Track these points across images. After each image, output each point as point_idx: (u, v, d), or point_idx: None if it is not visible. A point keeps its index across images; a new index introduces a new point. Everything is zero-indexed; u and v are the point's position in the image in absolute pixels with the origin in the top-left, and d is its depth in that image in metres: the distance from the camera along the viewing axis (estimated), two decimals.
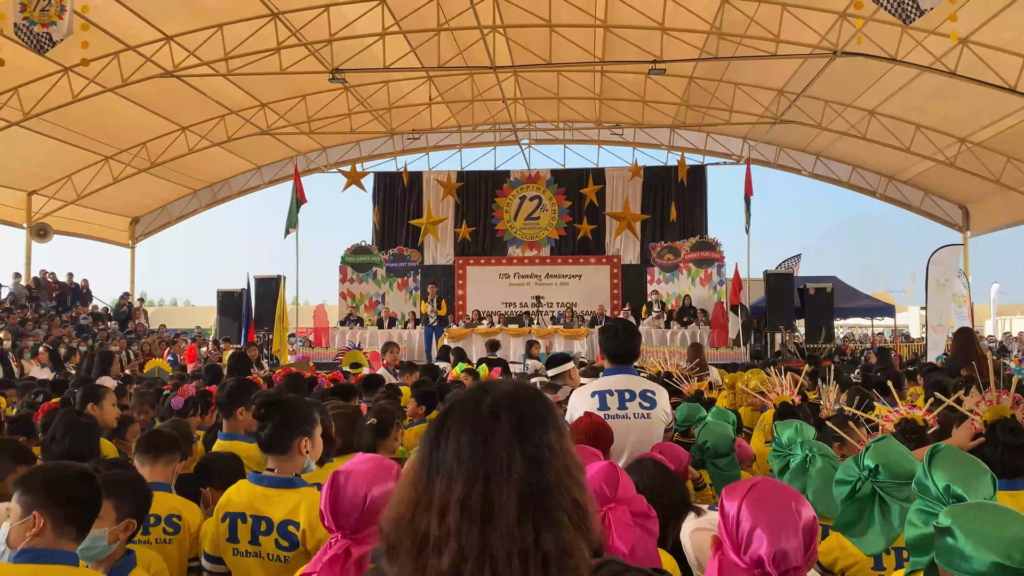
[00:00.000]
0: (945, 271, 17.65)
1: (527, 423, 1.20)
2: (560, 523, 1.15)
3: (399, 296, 20.98)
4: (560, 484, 1.18)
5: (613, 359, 3.75)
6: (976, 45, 13.35)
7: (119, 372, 8.35)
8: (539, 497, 1.15)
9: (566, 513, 1.16)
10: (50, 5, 9.97)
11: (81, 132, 17.95)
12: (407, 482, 1.23)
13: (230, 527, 2.64)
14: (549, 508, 1.15)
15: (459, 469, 1.16)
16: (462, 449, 1.17)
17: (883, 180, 22.59)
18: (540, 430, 1.20)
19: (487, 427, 1.18)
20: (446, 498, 1.15)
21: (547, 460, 1.18)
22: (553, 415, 1.25)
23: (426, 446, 1.22)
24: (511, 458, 1.15)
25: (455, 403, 1.25)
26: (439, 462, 1.18)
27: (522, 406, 1.22)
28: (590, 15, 14.74)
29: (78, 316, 19.74)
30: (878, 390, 5.55)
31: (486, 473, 1.15)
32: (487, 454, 1.16)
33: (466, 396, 1.25)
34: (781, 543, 1.57)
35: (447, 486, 1.16)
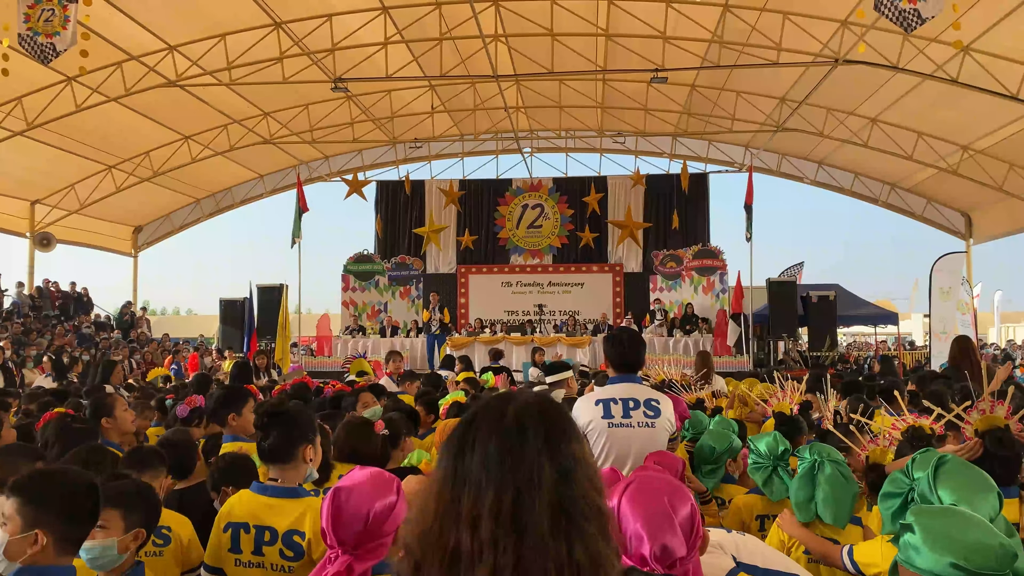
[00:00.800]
0: (948, 279, 17.61)
1: (554, 434, 1.19)
2: (589, 533, 1.14)
3: (401, 305, 20.97)
4: (586, 494, 1.17)
5: (618, 368, 3.74)
6: (978, 53, 13.36)
7: (121, 381, 8.33)
8: (569, 508, 1.14)
9: (591, 521, 1.15)
10: (54, 16, 10.01)
11: (84, 142, 18.01)
12: (430, 495, 1.20)
13: (232, 537, 2.62)
14: (578, 518, 1.14)
15: (488, 480, 1.14)
16: (490, 459, 1.15)
17: (885, 188, 22.58)
18: (565, 441, 1.20)
19: (515, 437, 1.17)
20: (476, 510, 1.13)
21: (573, 470, 1.17)
22: (574, 425, 1.24)
23: (449, 458, 1.20)
24: (541, 469, 1.14)
25: (477, 413, 1.23)
26: (465, 473, 1.16)
27: (547, 416, 1.21)
28: (592, 24, 14.77)
29: (80, 325, 19.76)
30: (883, 398, 5.53)
31: (516, 484, 1.13)
32: (516, 465, 1.15)
33: (488, 406, 1.24)
34: (660, 539, 1.55)
35: (475, 497, 1.14)
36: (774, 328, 17.28)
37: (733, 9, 13.70)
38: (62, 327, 18.62)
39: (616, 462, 3.40)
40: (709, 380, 7.56)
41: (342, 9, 14.33)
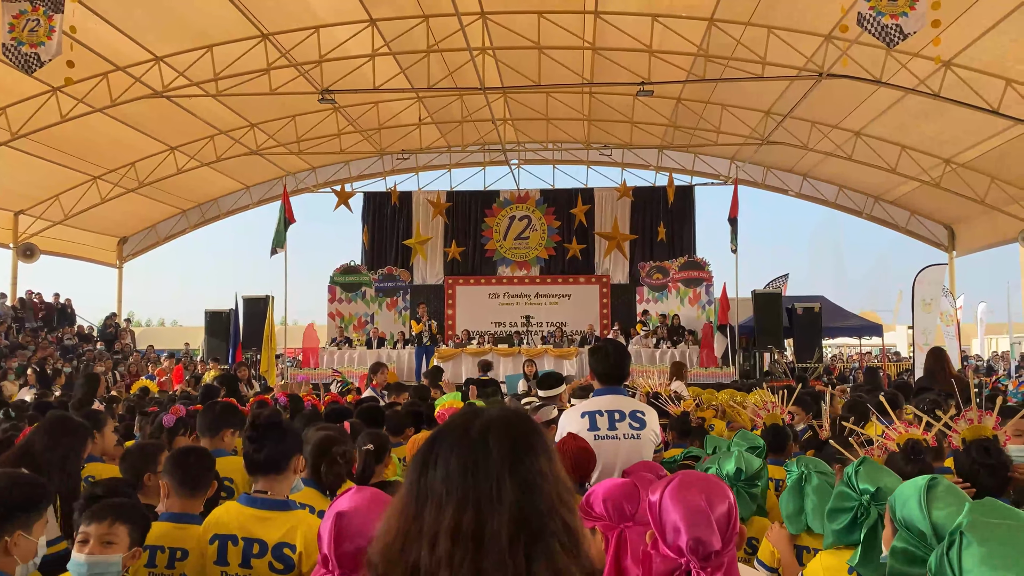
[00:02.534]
0: (931, 290, 17.75)
1: (518, 448, 1.18)
2: (553, 549, 1.13)
3: (388, 316, 20.93)
4: (552, 509, 1.16)
5: (603, 379, 3.75)
6: (959, 68, 13.54)
7: (104, 394, 8.27)
8: (531, 523, 1.13)
9: (558, 539, 1.14)
10: (39, 26, 9.97)
11: (69, 152, 17.90)
12: (394, 511, 1.20)
13: (219, 550, 2.61)
14: (541, 534, 1.13)
15: (449, 496, 1.14)
16: (452, 475, 1.15)
17: (869, 200, 22.77)
18: (531, 455, 1.18)
19: (477, 452, 1.16)
20: (436, 526, 1.13)
21: (539, 485, 1.16)
22: (543, 440, 1.23)
23: (414, 473, 1.20)
24: (502, 483, 1.14)
25: (443, 429, 1.23)
26: (428, 489, 1.16)
27: (512, 431, 1.20)
28: (579, 38, 14.86)
29: (63, 336, 19.59)
30: (875, 408, 5.57)
31: (476, 499, 1.13)
32: (478, 480, 1.14)
33: (454, 421, 1.23)
34: (696, 533, 1.62)
35: (437, 513, 1.13)
36: (760, 340, 17.36)
37: (718, 23, 13.82)
38: (45, 339, 18.46)
39: (602, 474, 3.40)
40: (670, 384, 7.89)
41: (329, 21, 14.35)
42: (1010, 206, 18.34)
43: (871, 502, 2.27)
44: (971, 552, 1.36)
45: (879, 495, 2.26)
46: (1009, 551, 1.33)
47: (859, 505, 2.30)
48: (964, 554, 1.37)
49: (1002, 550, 1.34)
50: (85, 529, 2.36)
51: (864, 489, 2.30)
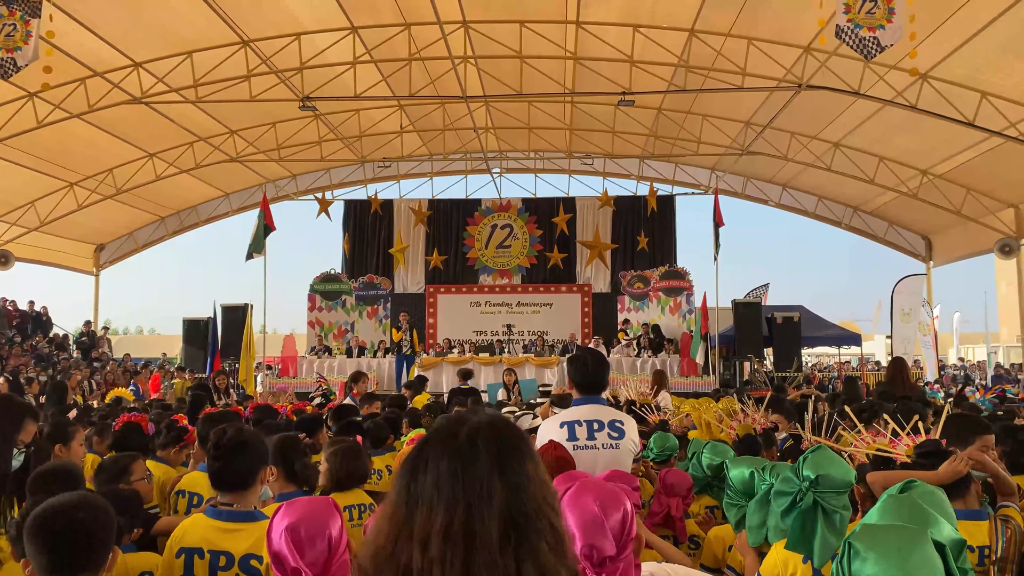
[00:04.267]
0: (909, 300, 17.96)
1: (505, 452, 1.21)
2: (540, 549, 1.16)
3: (369, 325, 20.82)
4: (539, 511, 1.19)
5: (582, 389, 3.73)
6: (935, 80, 13.71)
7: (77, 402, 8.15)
8: (520, 524, 1.16)
9: (544, 539, 1.17)
10: (15, 31, 9.87)
11: (46, 158, 17.69)
12: (384, 515, 1.22)
13: (185, 563, 2.56)
14: (529, 535, 1.16)
15: (439, 498, 1.16)
16: (442, 478, 1.17)
17: (848, 211, 22.98)
18: (518, 458, 1.21)
19: (466, 456, 1.19)
20: (427, 527, 1.15)
21: (526, 487, 1.19)
22: (528, 444, 1.26)
23: (403, 478, 1.22)
24: (491, 485, 1.16)
25: (432, 434, 1.26)
26: (418, 493, 1.18)
27: (499, 435, 1.23)
28: (560, 47, 14.91)
29: (38, 344, 19.33)
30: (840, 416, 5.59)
31: (467, 501, 1.15)
32: (468, 482, 1.16)
33: (441, 427, 1.26)
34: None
35: (428, 516, 1.16)
36: (740, 349, 17.44)
37: (699, 34, 13.92)
38: (19, 347, 18.20)
39: None
40: (657, 395, 7.94)
41: (311, 28, 14.30)
42: (986, 217, 18.58)
43: (810, 488, 2.37)
44: (859, 560, 1.56)
45: (819, 482, 2.36)
46: (892, 557, 1.52)
47: (799, 490, 2.38)
48: (853, 562, 1.56)
49: (885, 556, 1.53)
50: None
51: (806, 476, 2.38)
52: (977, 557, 2.80)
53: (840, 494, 2.35)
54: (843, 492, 2.36)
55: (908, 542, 1.58)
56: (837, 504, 2.33)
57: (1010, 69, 12.98)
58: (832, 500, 2.33)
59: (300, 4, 13.47)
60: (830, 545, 2.31)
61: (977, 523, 2.86)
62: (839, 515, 2.32)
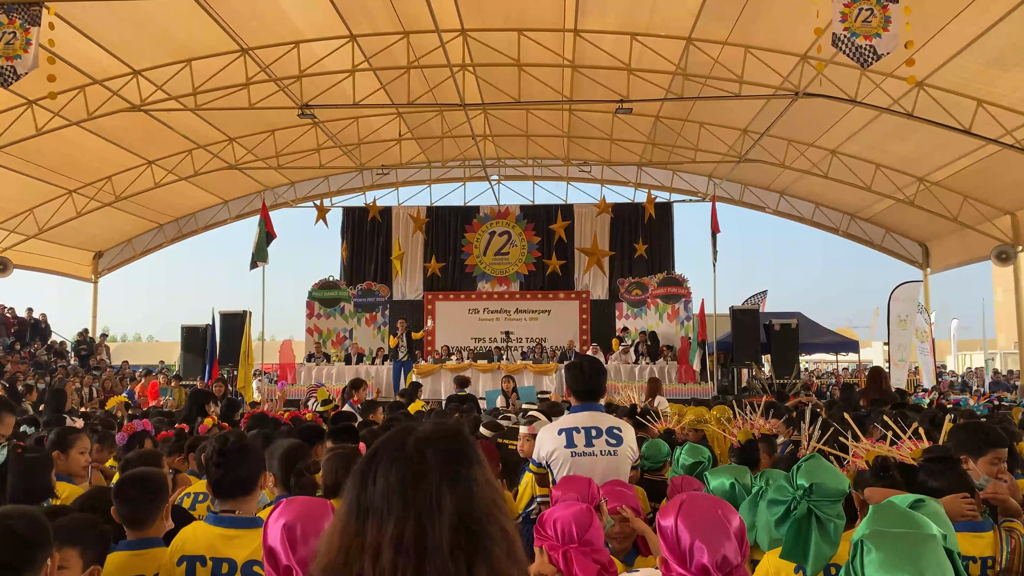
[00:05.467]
0: (906, 307, 17.97)
1: (453, 459, 1.23)
2: (492, 553, 1.18)
3: (367, 332, 20.84)
4: (489, 515, 1.21)
5: (579, 396, 3.76)
6: (932, 88, 13.76)
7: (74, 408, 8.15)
8: (470, 529, 1.18)
9: (496, 542, 1.19)
10: (15, 39, 9.90)
11: (45, 166, 17.71)
12: (335, 528, 1.23)
13: (187, 571, 2.57)
14: (480, 539, 1.18)
15: (390, 509, 1.17)
16: (391, 490, 1.19)
17: (845, 218, 23.04)
18: (466, 465, 1.23)
19: (415, 466, 1.20)
20: (379, 538, 1.16)
21: (475, 493, 1.21)
22: (475, 450, 1.28)
23: (353, 491, 1.23)
24: (441, 493, 1.18)
25: (380, 445, 1.27)
26: (368, 504, 1.19)
27: (446, 443, 1.25)
28: (558, 55, 14.96)
29: (36, 352, 19.31)
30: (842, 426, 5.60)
31: (417, 510, 1.17)
32: (417, 491, 1.18)
33: (389, 438, 1.28)
34: (720, 550, 1.68)
35: (378, 526, 1.17)
36: (737, 356, 17.45)
37: (696, 42, 13.98)
38: (17, 354, 18.18)
39: None
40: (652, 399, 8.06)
41: (309, 36, 14.35)
42: (982, 224, 18.63)
43: (804, 496, 2.37)
44: (871, 558, 1.55)
45: (813, 491, 2.36)
46: (902, 555, 1.53)
47: (793, 499, 2.38)
48: (865, 560, 1.55)
49: (896, 555, 1.53)
50: None
51: (800, 484, 2.38)
52: (980, 568, 2.80)
53: (834, 503, 2.36)
54: (837, 501, 2.37)
55: (921, 544, 1.58)
56: (831, 513, 2.34)
57: (1006, 77, 13.04)
58: (826, 509, 2.34)
59: (299, 12, 13.52)
60: (824, 554, 2.32)
61: (980, 534, 2.87)
62: (833, 524, 2.33)
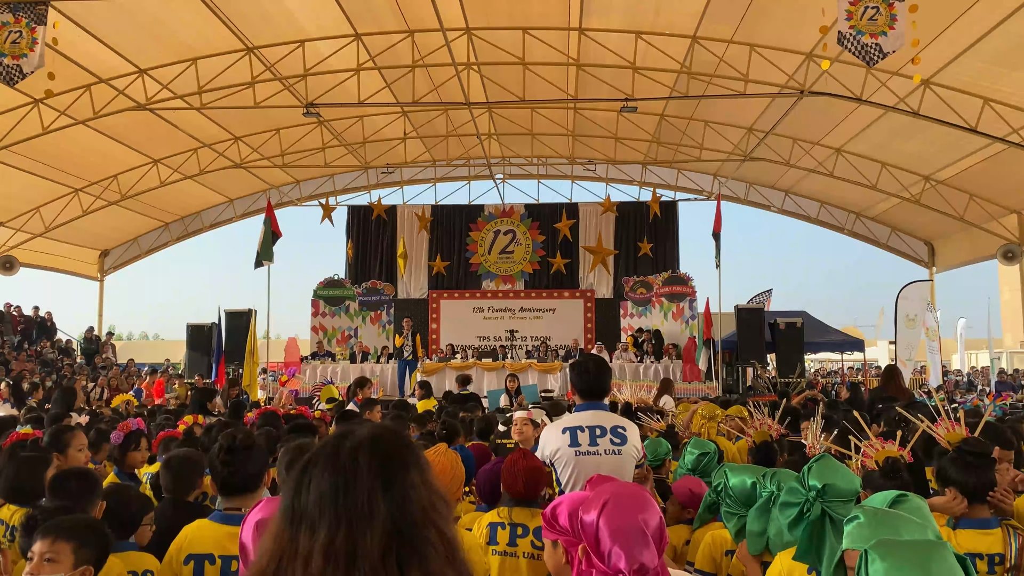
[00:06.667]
0: (915, 306, 17.92)
1: (388, 464, 1.22)
2: (427, 556, 1.18)
3: (372, 330, 20.86)
4: (426, 519, 1.21)
5: (584, 395, 3.75)
6: (938, 86, 13.72)
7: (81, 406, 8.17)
8: (404, 534, 1.18)
9: (432, 546, 1.19)
10: (21, 38, 9.93)
11: (51, 164, 17.76)
12: (270, 534, 1.22)
13: (195, 570, 2.58)
14: (415, 543, 1.18)
15: (322, 517, 1.17)
16: (324, 496, 1.18)
17: (851, 216, 22.98)
18: (402, 469, 1.23)
19: (348, 472, 1.20)
20: (310, 546, 1.16)
21: (410, 497, 1.21)
22: (413, 453, 1.27)
23: (287, 498, 1.22)
24: (373, 500, 1.18)
25: (315, 452, 1.26)
26: (301, 512, 1.19)
27: (381, 448, 1.24)
28: (563, 54, 14.94)
29: (42, 350, 19.37)
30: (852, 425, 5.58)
31: (349, 518, 1.16)
32: (349, 499, 1.18)
33: (325, 444, 1.27)
34: (638, 559, 1.67)
35: (310, 535, 1.16)
36: (742, 354, 17.42)
37: (701, 41, 13.95)
38: (24, 352, 18.24)
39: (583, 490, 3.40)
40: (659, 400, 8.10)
41: (314, 35, 14.36)
42: (988, 223, 18.57)
43: (816, 498, 2.36)
44: (876, 568, 1.57)
45: (825, 491, 2.36)
46: (912, 563, 1.56)
47: (805, 500, 2.38)
48: (871, 570, 1.58)
49: (905, 563, 1.56)
50: (32, 548, 2.34)
51: (812, 485, 2.38)
52: (987, 565, 2.79)
53: (847, 503, 2.34)
54: (850, 501, 2.36)
55: (929, 551, 1.60)
56: (844, 513, 2.30)
57: (1013, 75, 12.99)
58: (840, 510, 2.33)
59: (304, 12, 13.54)
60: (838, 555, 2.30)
61: (987, 531, 2.87)
62: None
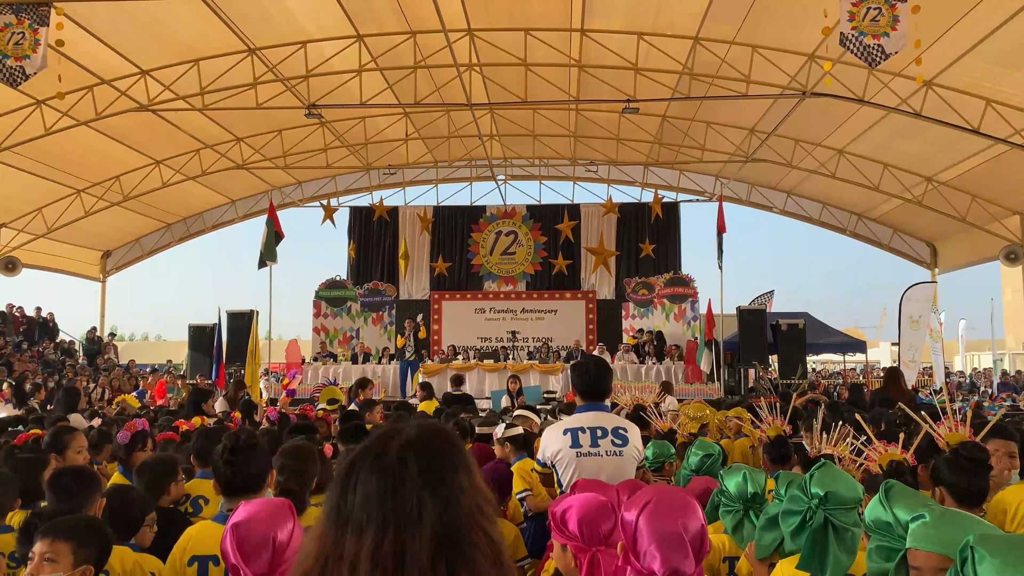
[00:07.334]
0: (918, 307, 17.87)
1: (436, 466, 1.19)
2: (475, 560, 1.15)
3: (374, 331, 20.86)
4: (473, 522, 1.17)
5: (585, 396, 3.75)
6: (940, 87, 13.71)
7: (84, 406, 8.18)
8: (452, 538, 1.15)
9: (480, 550, 1.16)
10: (24, 39, 9.94)
11: (53, 165, 17.78)
12: (314, 536, 1.20)
13: (199, 571, 2.58)
14: (463, 547, 1.15)
15: (369, 520, 1.14)
16: (370, 499, 1.16)
17: (853, 218, 22.96)
18: (449, 471, 1.20)
19: (395, 475, 1.17)
20: (357, 550, 1.13)
21: (458, 500, 1.18)
22: (461, 453, 1.24)
23: (333, 499, 1.20)
24: (422, 503, 1.15)
25: (360, 452, 1.23)
26: (347, 514, 1.16)
27: (429, 448, 1.21)
28: (565, 55, 14.94)
29: (45, 351, 19.39)
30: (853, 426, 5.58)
31: (397, 521, 1.14)
32: (397, 502, 1.15)
33: (371, 444, 1.24)
34: (672, 563, 1.67)
35: (357, 538, 1.14)
36: (744, 356, 17.41)
37: (703, 42, 13.95)
38: (25, 353, 18.26)
39: None
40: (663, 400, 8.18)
41: (316, 37, 14.37)
42: (991, 224, 18.55)
43: (819, 506, 2.33)
44: (985, 565, 1.45)
45: (828, 499, 2.32)
46: (1018, 559, 1.43)
47: (808, 508, 2.34)
48: (979, 568, 1.45)
49: (1013, 558, 1.43)
50: (32, 548, 2.35)
51: (815, 493, 2.34)
52: None
53: (850, 510, 2.34)
54: (852, 508, 2.34)
55: None
56: (847, 521, 2.31)
57: (1015, 76, 12.98)
58: (842, 517, 2.32)
59: (306, 13, 13.55)
60: (842, 564, 2.30)
61: None
62: (851, 532, 2.30)
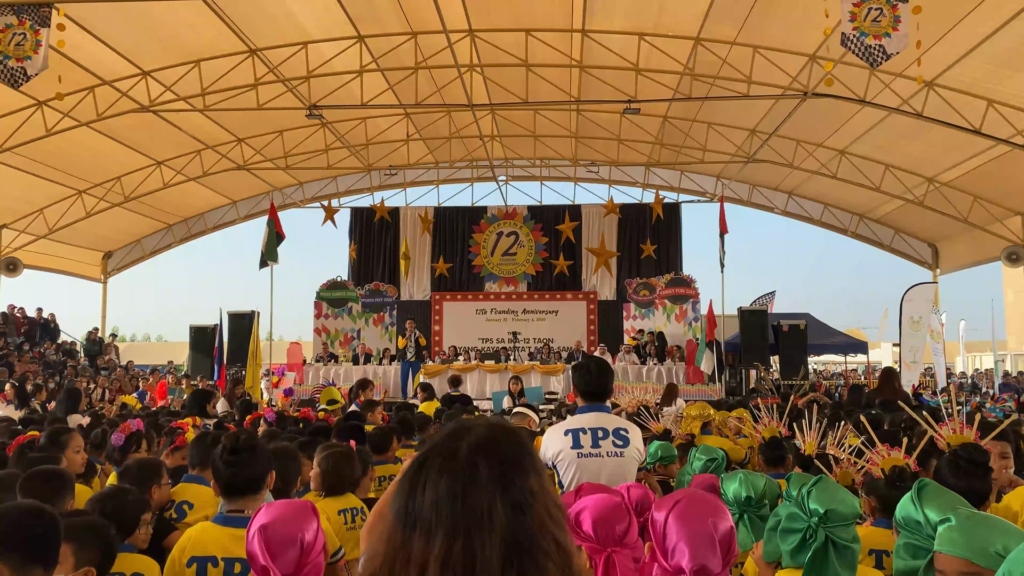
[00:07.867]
0: (920, 308, 17.85)
1: (507, 469, 1.15)
2: (545, 568, 1.12)
3: (375, 332, 20.85)
4: (543, 528, 1.14)
5: (586, 397, 3.75)
6: (941, 88, 13.70)
7: (85, 407, 8.18)
8: (523, 544, 1.11)
9: (550, 557, 1.13)
10: (25, 40, 9.95)
11: (54, 166, 17.79)
12: (381, 536, 1.17)
13: (198, 572, 2.57)
14: (534, 554, 1.11)
15: (438, 523, 1.11)
16: (440, 501, 1.12)
17: (854, 218, 22.95)
18: (521, 475, 1.16)
19: (466, 476, 1.13)
20: (426, 553, 1.10)
21: (529, 505, 1.14)
22: (532, 457, 1.20)
23: (401, 497, 1.16)
24: (493, 508, 1.11)
25: (429, 451, 1.20)
26: (416, 515, 1.13)
27: (501, 451, 1.17)
28: (566, 56, 14.95)
29: (46, 352, 19.40)
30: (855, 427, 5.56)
31: (467, 526, 1.10)
32: (467, 505, 1.11)
33: (440, 443, 1.20)
34: (700, 559, 1.68)
35: (426, 541, 1.11)
36: (746, 357, 17.40)
37: (704, 42, 13.94)
38: (28, 354, 18.27)
39: None
40: (670, 404, 8.05)
41: (317, 37, 14.38)
42: (992, 225, 18.53)
43: (819, 524, 2.25)
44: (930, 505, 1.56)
45: (828, 517, 2.25)
46: None
47: (808, 527, 2.27)
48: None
49: None
50: None
51: (814, 510, 2.27)
52: None
53: (848, 526, 2.30)
54: (851, 524, 2.31)
55: None
56: (847, 537, 2.27)
57: (1017, 77, 12.96)
58: (842, 534, 2.28)
59: (307, 14, 13.55)
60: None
61: None
62: (851, 550, 2.26)
